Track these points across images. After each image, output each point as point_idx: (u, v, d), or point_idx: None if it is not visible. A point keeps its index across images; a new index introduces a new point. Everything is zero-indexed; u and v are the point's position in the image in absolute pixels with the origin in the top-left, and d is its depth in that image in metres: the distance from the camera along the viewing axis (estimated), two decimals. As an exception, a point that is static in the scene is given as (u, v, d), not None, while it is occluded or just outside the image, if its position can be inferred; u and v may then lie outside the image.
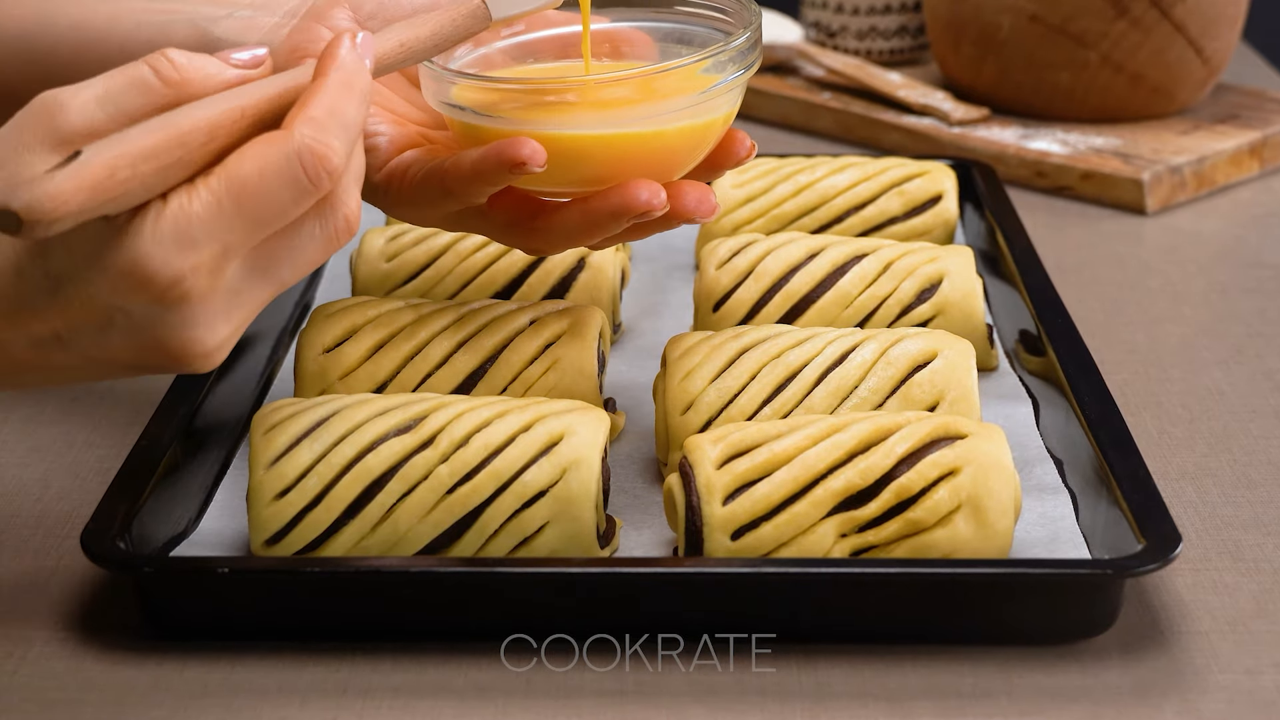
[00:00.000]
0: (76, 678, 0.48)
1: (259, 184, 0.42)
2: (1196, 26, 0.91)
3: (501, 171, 0.51)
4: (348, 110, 0.44)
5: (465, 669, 0.48)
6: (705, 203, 0.53)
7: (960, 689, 0.48)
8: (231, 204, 0.42)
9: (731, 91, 0.53)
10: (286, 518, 0.51)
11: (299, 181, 0.43)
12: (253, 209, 0.43)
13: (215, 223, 0.42)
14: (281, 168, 0.43)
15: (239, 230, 0.43)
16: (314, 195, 0.43)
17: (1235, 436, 0.63)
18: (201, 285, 0.43)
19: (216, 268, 0.43)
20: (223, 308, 0.44)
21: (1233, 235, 0.84)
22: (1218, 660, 0.49)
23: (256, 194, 0.42)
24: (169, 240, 0.42)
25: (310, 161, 0.43)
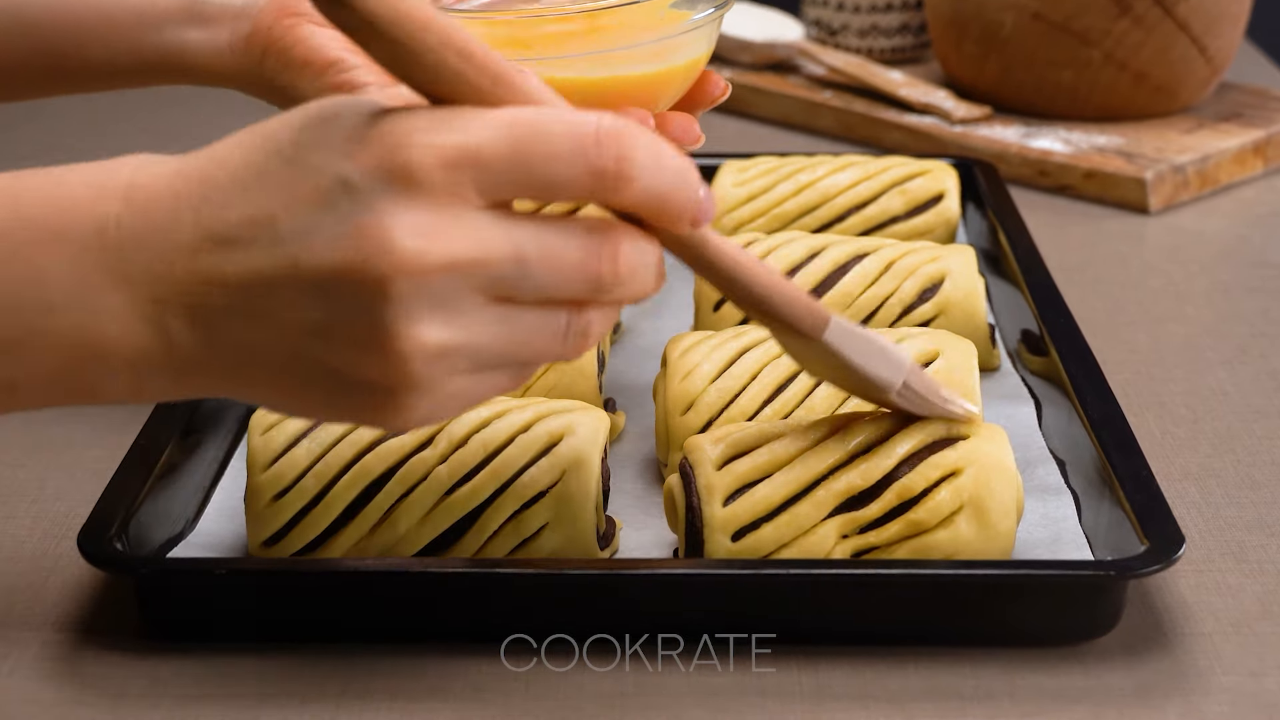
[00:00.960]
0: (73, 680, 0.48)
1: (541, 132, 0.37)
2: (1200, 25, 0.90)
3: None
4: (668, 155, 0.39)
5: (464, 671, 0.48)
6: (690, 131, 0.55)
7: (962, 690, 0.48)
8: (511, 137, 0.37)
9: (705, 30, 0.55)
10: (284, 519, 0.51)
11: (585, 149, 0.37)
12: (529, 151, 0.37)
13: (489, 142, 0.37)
14: (571, 124, 0.38)
15: (507, 171, 0.37)
16: (596, 176, 0.38)
17: (1239, 437, 0.63)
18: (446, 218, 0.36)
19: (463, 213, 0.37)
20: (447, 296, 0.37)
21: (1236, 235, 0.83)
22: (1221, 662, 0.49)
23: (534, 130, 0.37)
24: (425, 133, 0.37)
25: (604, 140, 0.38)
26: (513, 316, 0.39)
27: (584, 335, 0.40)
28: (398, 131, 0.37)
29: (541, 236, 0.39)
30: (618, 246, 0.39)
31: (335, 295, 0.37)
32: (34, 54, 0.62)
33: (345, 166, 0.37)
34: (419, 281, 0.37)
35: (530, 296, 0.39)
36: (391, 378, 0.38)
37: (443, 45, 0.37)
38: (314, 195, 0.37)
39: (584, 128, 0.38)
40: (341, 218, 0.37)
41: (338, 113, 0.38)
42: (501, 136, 0.37)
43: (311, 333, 0.38)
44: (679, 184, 0.39)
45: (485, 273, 0.38)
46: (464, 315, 0.38)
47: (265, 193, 0.38)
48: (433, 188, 0.37)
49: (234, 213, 0.38)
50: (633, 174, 0.38)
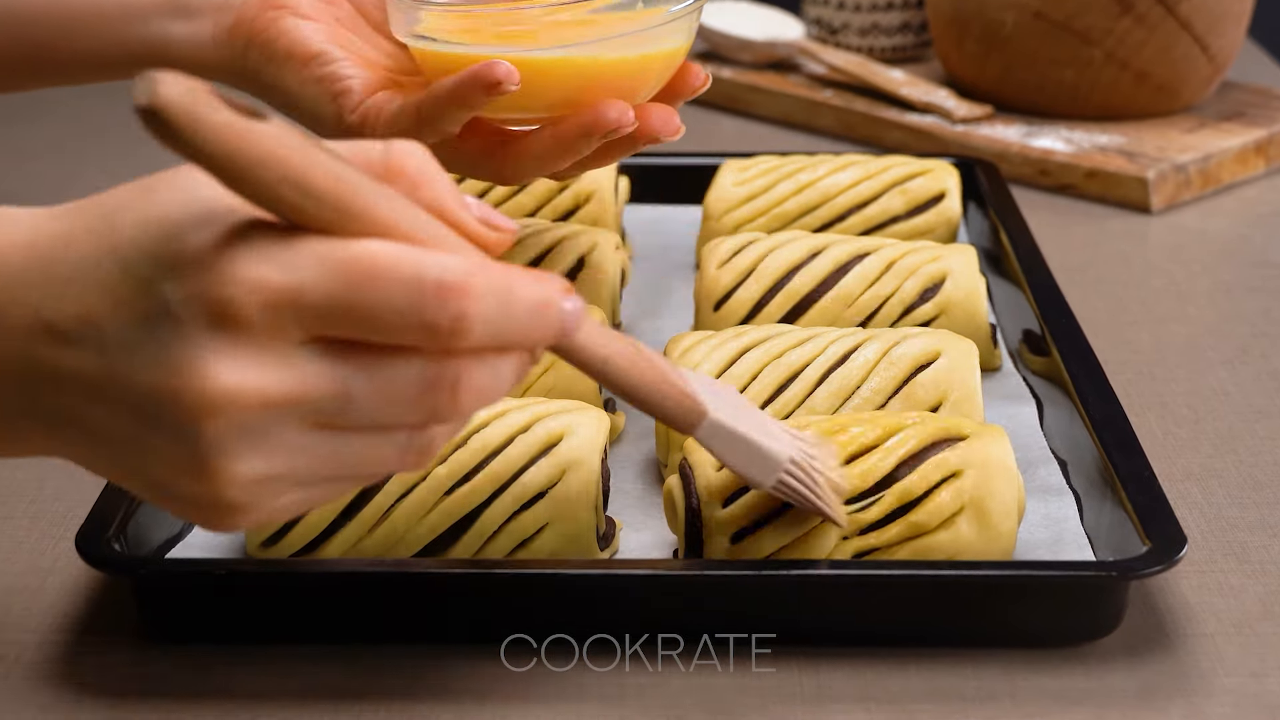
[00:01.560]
0: (71, 680, 0.48)
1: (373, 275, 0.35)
2: (1202, 23, 0.90)
3: (477, 94, 0.52)
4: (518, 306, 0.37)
5: (463, 672, 0.48)
6: (669, 123, 0.55)
7: (964, 692, 0.47)
8: (341, 278, 0.35)
9: (686, 20, 0.55)
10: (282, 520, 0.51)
11: (420, 303, 0.35)
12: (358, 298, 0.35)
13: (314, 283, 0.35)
14: (406, 271, 0.35)
15: (332, 313, 0.36)
16: (428, 330, 0.36)
17: (1241, 437, 0.63)
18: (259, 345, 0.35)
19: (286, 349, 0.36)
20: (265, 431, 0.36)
21: (1238, 234, 0.83)
22: (1223, 663, 0.49)
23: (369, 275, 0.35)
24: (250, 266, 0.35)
25: (442, 294, 0.35)
26: (337, 440, 0.37)
27: (424, 451, 0.38)
28: (225, 263, 0.36)
29: (371, 371, 0.37)
30: (458, 375, 0.37)
31: (153, 418, 0.37)
32: (22, 45, 0.62)
33: (170, 289, 0.36)
34: (233, 419, 0.36)
35: (357, 426, 0.37)
36: (208, 499, 0.37)
37: (280, 181, 0.35)
38: (138, 309, 0.36)
39: (421, 277, 0.36)
40: (161, 343, 0.36)
41: (175, 221, 0.37)
42: (331, 277, 0.36)
43: (132, 443, 0.37)
44: (530, 323, 0.38)
45: (306, 408, 0.37)
46: (281, 446, 0.37)
47: (98, 293, 0.37)
48: (252, 325, 0.36)
49: (68, 307, 0.37)
50: (469, 328, 0.36)
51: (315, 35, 0.57)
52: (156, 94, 0.33)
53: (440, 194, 0.39)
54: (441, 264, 0.36)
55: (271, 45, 0.58)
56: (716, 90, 1.01)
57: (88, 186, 1.01)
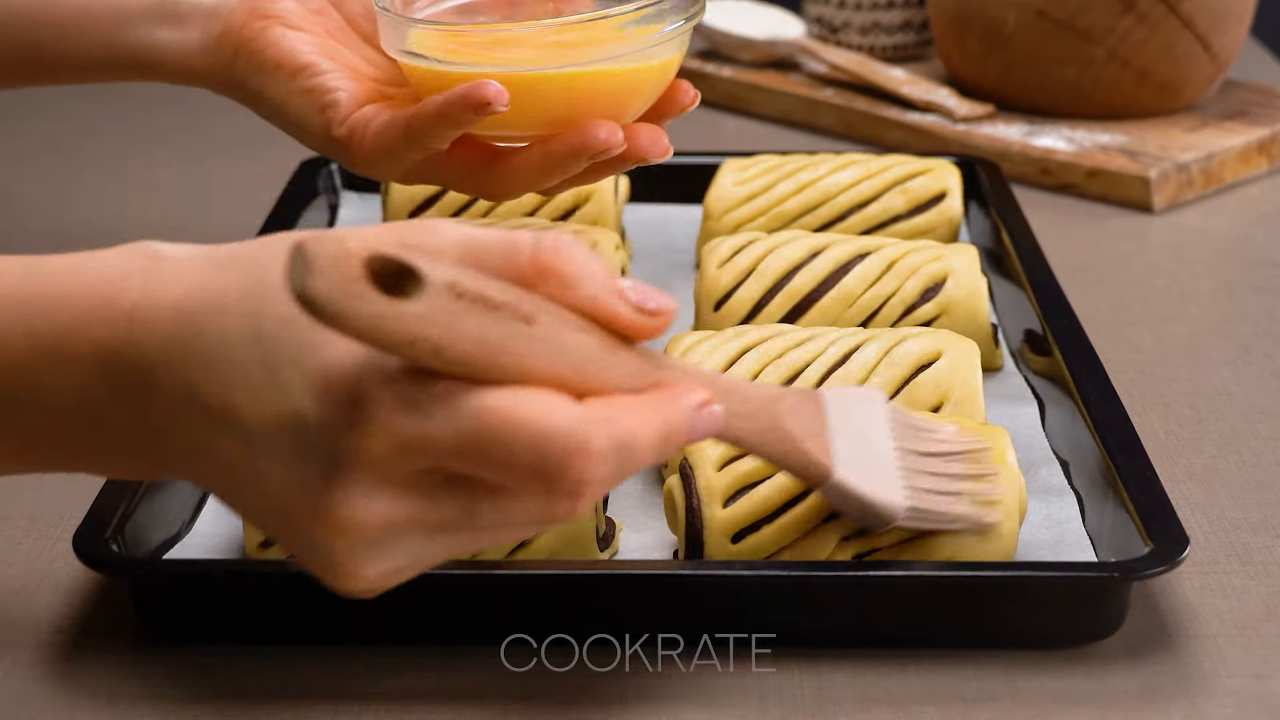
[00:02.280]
0: (69, 682, 0.48)
1: (501, 431, 0.37)
2: (1204, 22, 0.90)
3: (466, 113, 0.52)
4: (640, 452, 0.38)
5: (463, 673, 0.48)
6: (658, 143, 0.55)
7: (964, 693, 0.47)
8: (469, 431, 0.37)
9: (677, 39, 0.56)
10: (281, 520, 0.51)
11: (543, 466, 0.37)
12: (484, 451, 0.37)
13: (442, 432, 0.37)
14: (533, 431, 0.37)
15: (458, 459, 0.37)
16: (549, 489, 0.37)
17: (1243, 437, 0.62)
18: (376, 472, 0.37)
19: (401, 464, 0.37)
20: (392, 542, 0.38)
21: (1241, 233, 0.83)
22: (1226, 664, 0.49)
23: (498, 431, 0.37)
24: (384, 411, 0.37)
25: (565, 460, 0.37)
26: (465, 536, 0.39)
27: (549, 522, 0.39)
28: (364, 401, 0.37)
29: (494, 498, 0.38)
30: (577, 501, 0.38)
31: (290, 520, 0.39)
32: (12, 45, 0.62)
33: (308, 405, 0.38)
34: (359, 538, 0.38)
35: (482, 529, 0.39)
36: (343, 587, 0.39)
37: (429, 356, 0.36)
38: (280, 415, 0.38)
39: (549, 445, 0.37)
40: (296, 457, 0.38)
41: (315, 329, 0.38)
42: (460, 429, 0.37)
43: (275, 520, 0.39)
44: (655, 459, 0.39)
45: (426, 524, 0.39)
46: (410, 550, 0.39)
47: (244, 385, 0.38)
48: (379, 463, 0.38)
49: (216, 388, 0.39)
50: (590, 492, 0.38)
51: (304, 46, 0.57)
52: (305, 286, 0.35)
53: (593, 292, 0.39)
54: (568, 430, 0.37)
55: (260, 55, 0.58)
56: (717, 89, 1.01)
57: (85, 184, 1.01)
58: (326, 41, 0.58)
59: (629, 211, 0.79)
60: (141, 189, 0.89)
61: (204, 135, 0.97)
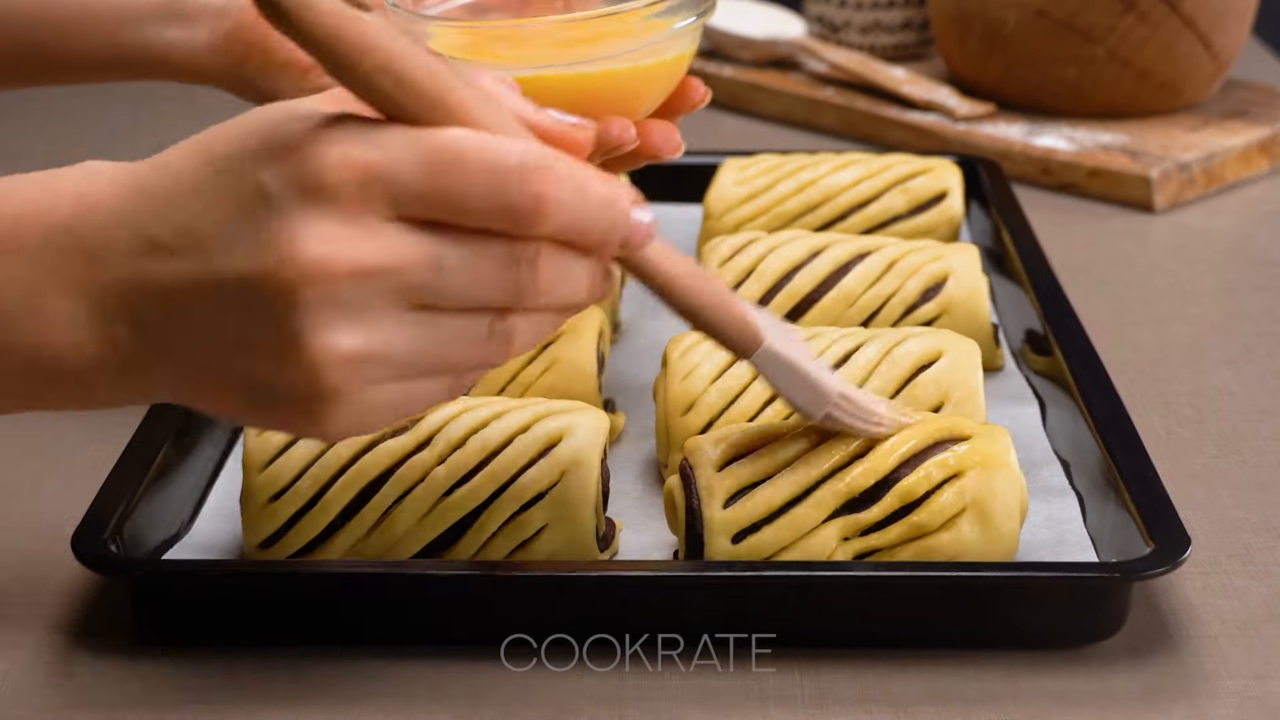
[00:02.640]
0: (67, 683, 0.48)
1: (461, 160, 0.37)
2: (1206, 21, 0.90)
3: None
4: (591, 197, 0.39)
5: (462, 674, 0.48)
6: (670, 140, 0.55)
7: (965, 694, 0.47)
8: (429, 161, 0.37)
9: (688, 35, 0.55)
10: (281, 521, 0.51)
11: (503, 185, 0.37)
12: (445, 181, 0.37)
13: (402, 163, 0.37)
14: (493, 156, 0.37)
15: (420, 194, 0.37)
16: (511, 212, 0.37)
17: (1245, 438, 0.62)
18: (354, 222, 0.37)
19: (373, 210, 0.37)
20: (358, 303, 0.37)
21: (1242, 233, 0.83)
22: (1227, 665, 0.49)
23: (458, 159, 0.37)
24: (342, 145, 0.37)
25: (524, 176, 0.37)
26: (429, 322, 0.38)
27: (507, 340, 0.40)
28: (317, 141, 0.37)
29: (458, 245, 0.38)
30: (537, 255, 0.39)
31: (251, 306, 0.38)
32: (14, 44, 0.62)
33: (264, 174, 0.37)
34: (326, 289, 0.37)
35: (447, 304, 0.39)
36: (307, 387, 0.38)
37: (378, 70, 0.37)
38: (236, 204, 0.38)
39: (505, 160, 0.37)
40: (257, 226, 0.37)
41: (269, 119, 0.38)
42: (418, 159, 0.37)
43: (234, 344, 0.38)
44: (603, 216, 0.39)
45: (397, 280, 0.38)
46: (376, 322, 0.38)
47: (195, 202, 0.38)
48: (341, 198, 0.37)
49: (167, 221, 0.38)
50: (549, 211, 0.38)
51: None
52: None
53: (518, 102, 0.41)
54: (523, 149, 0.38)
55: (270, 54, 0.57)
56: (717, 88, 1.01)
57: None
58: None
59: (629, 211, 0.78)
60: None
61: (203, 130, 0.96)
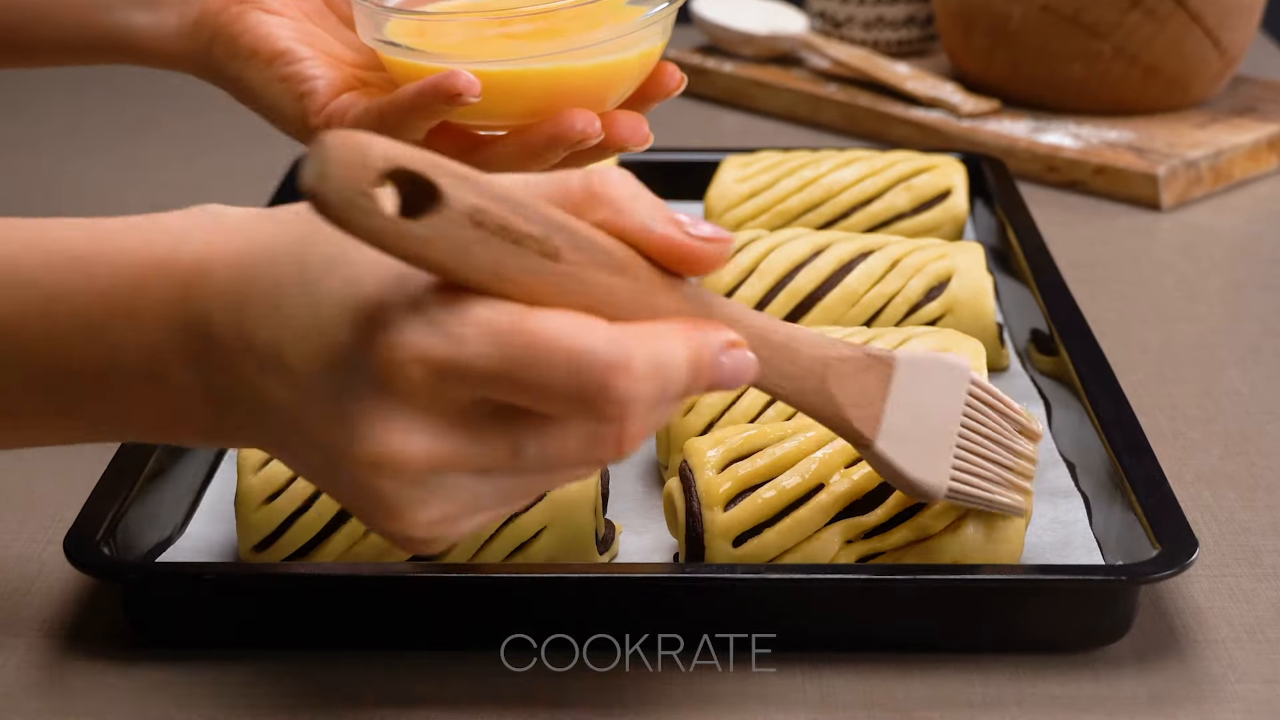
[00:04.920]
0: (59, 687, 0.47)
1: (536, 351, 0.36)
2: (1213, 17, 0.89)
3: (439, 103, 0.52)
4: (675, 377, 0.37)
5: (459, 677, 0.47)
6: (638, 132, 0.54)
7: (970, 698, 0.47)
8: (505, 352, 0.36)
9: (659, 24, 0.54)
10: (275, 523, 0.50)
11: (582, 385, 0.36)
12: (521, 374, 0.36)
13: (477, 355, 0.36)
14: (571, 350, 0.36)
15: (496, 384, 0.36)
16: (592, 411, 0.37)
17: (1253, 439, 0.62)
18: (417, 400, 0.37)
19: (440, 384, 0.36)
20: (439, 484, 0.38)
21: (1250, 231, 0.82)
22: (1235, 669, 0.48)
23: (534, 351, 0.36)
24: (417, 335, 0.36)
25: (605, 376, 0.36)
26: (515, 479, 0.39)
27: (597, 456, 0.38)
28: (395, 330, 0.37)
29: (538, 431, 0.38)
30: (623, 431, 0.38)
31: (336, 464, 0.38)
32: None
33: (345, 338, 0.37)
34: (404, 478, 0.38)
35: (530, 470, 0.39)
36: (401, 536, 0.39)
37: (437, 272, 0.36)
38: (317, 348, 0.38)
39: (588, 363, 0.36)
40: (337, 396, 0.38)
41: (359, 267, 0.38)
42: (495, 349, 0.36)
43: (326, 472, 0.39)
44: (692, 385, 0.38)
45: (475, 463, 0.38)
46: (459, 492, 0.38)
47: (286, 324, 0.38)
48: (417, 392, 0.37)
49: (265, 332, 0.39)
50: (632, 411, 0.37)
51: (281, 32, 0.56)
52: (313, 184, 0.34)
53: (644, 217, 0.39)
54: (604, 343, 0.37)
55: (236, 41, 0.57)
56: (718, 84, 1.00)
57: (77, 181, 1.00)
58: (304, 26, 0.57)
59: (630, 209, 0.78)
60: (135, 186, 0.89)
61: (198, 132, 0.96)
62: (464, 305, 0.37)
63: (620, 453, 0.38)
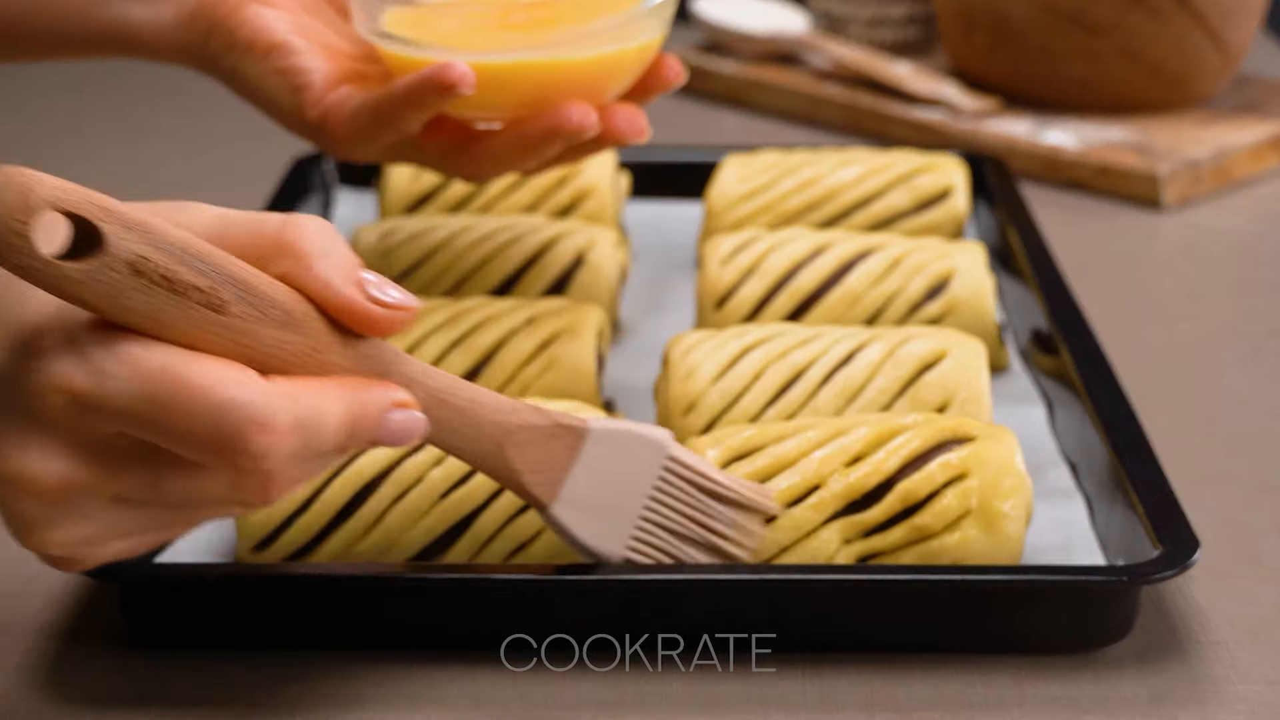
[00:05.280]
0: (58, 689, 0.47)
1: (178, 397, 0.37)
2: (1215, 16, 0.89)
3: (433, 96, 0.52)
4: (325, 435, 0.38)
5: (459, 677, 0.47)
6: (635, 124, 0.54)
7: (971, 699, 0.47)
8: (147, 393, 0.37)
9: (657, 16, 0.54)
10: (274, 523, 0.50)
11: (222, 434, 0.37)
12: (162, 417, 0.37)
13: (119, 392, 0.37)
14: (213, 400, 0.37)
15: (136, 422, 0.37)
16: (230, 460, 0.37)
17: (1255, 439, 0.62)
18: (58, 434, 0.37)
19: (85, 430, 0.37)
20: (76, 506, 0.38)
21: (1252, 231, 0.82)
22: (1237, 670, 0.48)
23: (176, 397, 0.37)
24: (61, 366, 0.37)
25: (245, 430, 0.37)
26: (156, 510, 0.39)
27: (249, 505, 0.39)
28: (41, 358, 0.37)
29: (178, 470, 0.38)
30: (269, 479, 0.38)
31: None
32: None
33: (4, 359, 0.38)
34: (39, 498, 0.38)
35: (170, 504, 0.39)
36: (44, 554, 0.39)
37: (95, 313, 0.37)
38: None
39: (228, 416, 0.37)
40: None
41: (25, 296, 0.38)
42: (137, 389, 0.37)
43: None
44: (344, 443, 0.39)
45: (112, 489, 0.38)
46: (98, 517, 0.39)
47: None
48: (56, 420, 0.37)
49: None
50: (273, 466, 0.38)
51: (277, 25, 0.56)
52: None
53: (327, 274, 0.39)
54: (249, 398, 0.37)
55: (233, 34, 0.57)
56: (718, 84, 1.00)
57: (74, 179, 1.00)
58: (301, 18, 0.57)
59: (629, 209, 0.78)
60: (132, 185, 0.89)
61: (197, 131, 0.96)
62: (116, 343, 0.37)
63: (267, 499, 0.39)
